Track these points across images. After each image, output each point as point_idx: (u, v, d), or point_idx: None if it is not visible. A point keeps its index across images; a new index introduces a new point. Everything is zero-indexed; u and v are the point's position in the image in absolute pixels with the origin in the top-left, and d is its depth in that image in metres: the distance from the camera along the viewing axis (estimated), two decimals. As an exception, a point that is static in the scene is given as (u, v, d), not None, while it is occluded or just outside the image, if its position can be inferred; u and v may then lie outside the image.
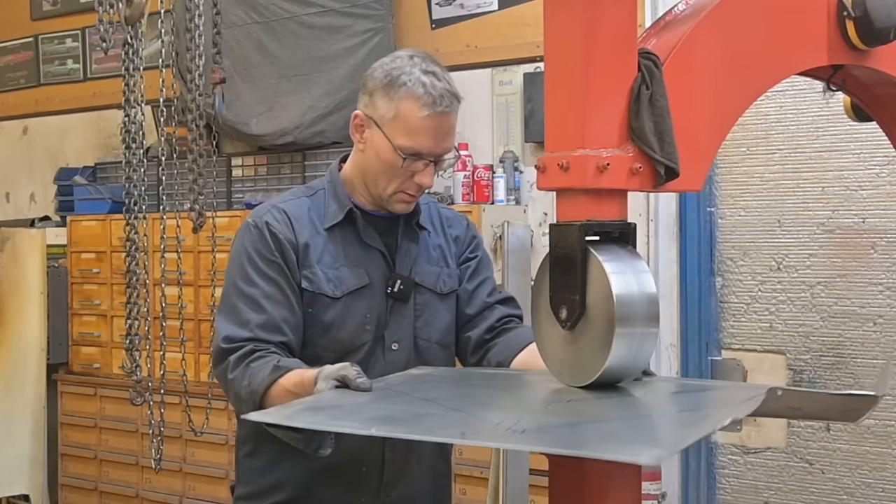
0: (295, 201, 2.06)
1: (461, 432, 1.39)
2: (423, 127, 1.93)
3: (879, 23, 1.62)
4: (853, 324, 3.59)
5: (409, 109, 1.93)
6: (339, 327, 1.99)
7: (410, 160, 1.94)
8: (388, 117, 1.95)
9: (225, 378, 1.93)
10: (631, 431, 1.36)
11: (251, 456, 2.09)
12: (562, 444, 1.30)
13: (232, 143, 4.87)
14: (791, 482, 3.70)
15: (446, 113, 1.94)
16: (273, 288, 1.95)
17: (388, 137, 1.95)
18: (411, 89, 1.93)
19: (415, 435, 1.42)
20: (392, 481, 2.03)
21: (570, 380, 1.52)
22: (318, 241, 2.00)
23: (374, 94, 1.98)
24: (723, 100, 1.55)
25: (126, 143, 3.19)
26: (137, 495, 4.78)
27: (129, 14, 2.98)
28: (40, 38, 5.74)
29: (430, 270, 2.09)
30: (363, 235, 2.03)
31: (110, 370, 4.84)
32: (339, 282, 1.99)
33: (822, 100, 3.51)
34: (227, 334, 1.94)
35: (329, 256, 2.00)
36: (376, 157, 1.98)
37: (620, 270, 1.43)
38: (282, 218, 2.01)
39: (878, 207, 3.56)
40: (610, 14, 1.44)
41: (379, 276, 2.03)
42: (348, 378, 1.64)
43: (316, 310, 1.98)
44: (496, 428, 1.36)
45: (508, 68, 4.19)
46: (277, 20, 4.63)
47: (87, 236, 4.96)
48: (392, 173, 1.97)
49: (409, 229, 2.08)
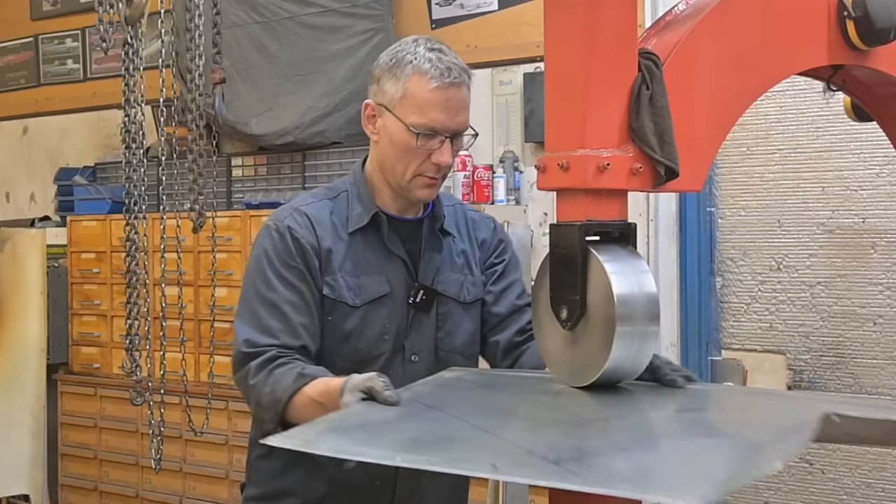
0: (317, 204, 1.99)
1: (492, 464, 1.28)
2: (434, 100, 1.87)
3: (879, 23, 1.62)
4: (853, 324, 3.59)
5: (417, 85, 1.88)
6: (358, 337, 1.94)
7: (424, 138, 1.88)
8: (397, 98, 1.90)
9: (246, 383, 1.88)
10: (671, 465, 1.25)
11: (265, 458, 2.04)
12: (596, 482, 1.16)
13: (232, 143, 4.87)
14: (791, 482, 3.70)
15: (456, 83, 1.88)
16: (294, 294, 1.91)
17: (399, 118, 1.89)
18: (418, 66, 1.88)
19: (441, 467, 1.31)
20: (405, 496, 2.00)
21: (570, 380, 1.51)
22: (340, 246, 1.95)
23: (381, 79, 1.93)
24: (723, 100, 1.55)
25: (126, 143, 3.19)
26: (137, 495, 4.78)
27: (129, 14, 2.97)
28: (40, 38, 5.74)
29: (454, 279, 2.03)
30: (387, 241, 1.97)
31: (110, 370, 4.84)
32: (360, 290, 1.94)
33: (822, 100, 3.51)
34: (248, 338, 1.89)
35: (350, 263, 1.95)
36: (390, 143, 1.92)
37: (621, 270, 1.43)
38: (304, 222, 1.95)
39: (878, 207, 3.56)
40: (610, 14, 1.44)
41: (400, 284, 1.97)
42: (375, 390, 1.57)
43: (336, 318, 1.94)
44: (528, 457, 1.27)
45: (508, 68, 4.19)
46: (277, 20, 4.63)
47: (87, 236, 4.96)
48: (408, 156, 1.90)
49: (433, 236, 2.02)
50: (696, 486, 1.07)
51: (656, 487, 1.13)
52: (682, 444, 1.35)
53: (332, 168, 4.49)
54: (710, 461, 1.24)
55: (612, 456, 1.27)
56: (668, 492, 1.07)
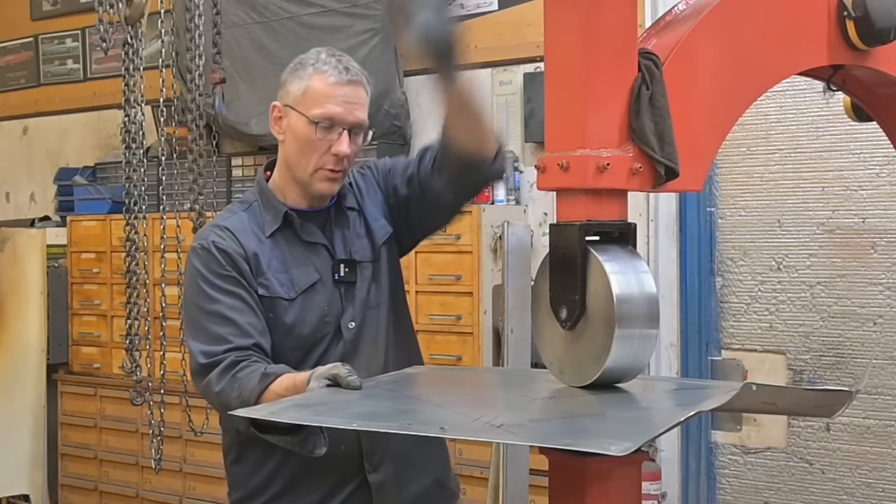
0: (232, 217, 2.10)
1: (441, 427, 1.45)
2: (332, 94, 2.01)
3: (879, 23, 1.62)
4: (853, 324, 3.59)
5: (317, 80, 2.02)
6: (300, 326, 2.03)
7: (324, 130, 2.00)
8: (299, 95, 2.03)
9: (210, 392, 1.95)
10: (605, 426, 1.41)
11: (237, 462, 2.13)
12: (534, 437, 1.37)
13: (232, 143, 4.87)
14: (791, 482, 3.70)
15: (354, 81, 2.03)
16: (234, 299, 1.99)
17: (301, 113, 2.02)
18: (318, 67, 2.03)
19: (395, 429, 1.48)
20: (371, 451, 2.07)
21: (569, 379, 1.52)
22: (264, 249, 2.05)
23: (286, 82, 2.07)
24: (723, 100, 1.55)
25: (126, 143, 3.19)
26: (137, 495, 4.78)
27: (129, 14, 2.98)
28: (40, 38, 5.74)
29: (363, 243, 2.13)
30: (302, 234, 2.08)
31: (110, 370, 4.84)
32: (292, 283, 2.04)
33: (822, 100, 3.51)
34: (203, 350, 1.97)
35: (276, 261, 2.05)
36: (294, 139, 2.05)
37: (621, 270, 1.43)
38: (226, 234, 2.05)
39: (878, 207, 3.56)
40: (610, 14, 1.44)
41: (326, 268, 2.08)
42: (339, 376, 1.70)
43: (276, 314, 2.03)
44: (475, 423, 1.41)
45: (508, 68, 4.19)
46: (277, 20, 4.63)
47: (87, 236, 4.96)
48: (310, 149, 2.02)
49: (340, 214, 2.13)
50: (622, 439, 1.22)
51: (588, 442, 1.28)
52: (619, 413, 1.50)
53: (332, 168, 4.49)
54: (637, 423, 1.43)
55: (553, 421, 1.46)
56: (597, 443, 1.23)
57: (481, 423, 1.40)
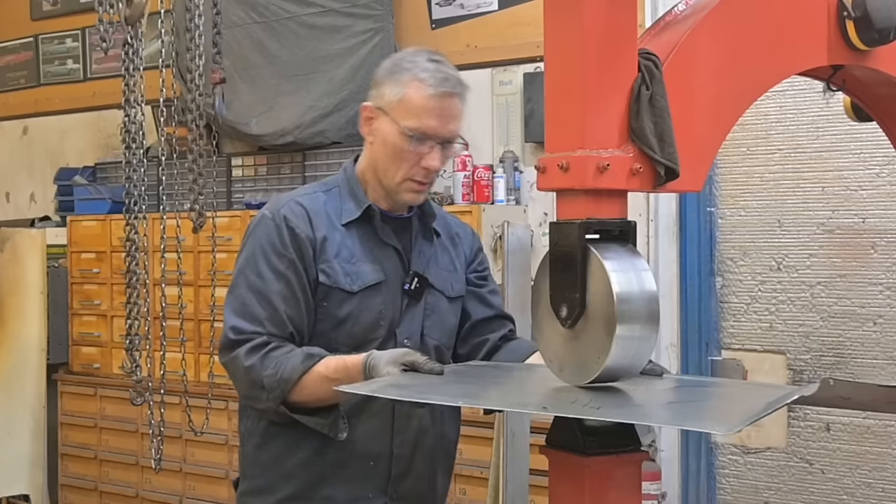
0: (311, 196, 2.06)
1: (543, 406, 1.49)
2: (429, 107, 1.95)
3: (879, 23, 1.62)
4: (853, 324, 3.59)
5: (414, 89, 1.96)
6: (353, 322, 2.00)
7: (416, 143, 1.96)
8: (394, 101, 1.98)
9: (237, 366, 1.94)
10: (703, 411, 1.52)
11: (261, 448, 2.07)
12: (642, 418, 1.44)
13: (232, 143, 4.87)
14: (791, 482, 3.70)
15: (452, 94, 1.97)
16: (282, 284, 1.96)
17: (395, 121, 1.97)
18: (417, 74, 1.96)
19: (500, 405, 1.60)
20: (400, 476, 2.05)
21: (569, 378, 1.52)
22: (335, 235, 2.01)
23: (381, 83, 2.02)
24: (723, 100, 1.55)
25: (126, 143, 3.19)
26: (137, 495, 4.78)
27: (129, 14, 2.98)
28: (40, 38, 5.74)
29: (441, 273, 2.11)
30: (380, 233, 2.04)
31: (110, 370, 4.84)
32: (357, 276, 2.00)
33: (822, 100, 3.51)
34: (235, 325, 1.96)
35: (346, 251, 2.01)
36: (384, 145, 2.00)
37: (621, 268, 1.43)
38: (300, 212, 2.01)
39: (878, 207, 3.56)
40: (610, 14, 1.44)
41: (393, 273, 2.05)
42: (417, 363, 1.74)
43: (330, 304, 1.99)
44: (573, 405, 1.43)
45: (508, 68, 4.19)
46: (277, 20, 4.63)
47: (87, 236, 4.96)
48: (400, 158, 1.98)
49: (425, 230, 2.10)
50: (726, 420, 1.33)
51: (691, 421, 1.41)
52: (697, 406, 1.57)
53: (332, 168, 4.49)
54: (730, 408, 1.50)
55: (651, 406, 1.53)
56: (701, 423, 1.39)
57: (580, 405, 1.41)
